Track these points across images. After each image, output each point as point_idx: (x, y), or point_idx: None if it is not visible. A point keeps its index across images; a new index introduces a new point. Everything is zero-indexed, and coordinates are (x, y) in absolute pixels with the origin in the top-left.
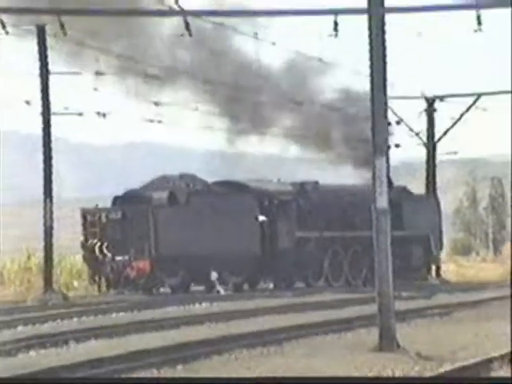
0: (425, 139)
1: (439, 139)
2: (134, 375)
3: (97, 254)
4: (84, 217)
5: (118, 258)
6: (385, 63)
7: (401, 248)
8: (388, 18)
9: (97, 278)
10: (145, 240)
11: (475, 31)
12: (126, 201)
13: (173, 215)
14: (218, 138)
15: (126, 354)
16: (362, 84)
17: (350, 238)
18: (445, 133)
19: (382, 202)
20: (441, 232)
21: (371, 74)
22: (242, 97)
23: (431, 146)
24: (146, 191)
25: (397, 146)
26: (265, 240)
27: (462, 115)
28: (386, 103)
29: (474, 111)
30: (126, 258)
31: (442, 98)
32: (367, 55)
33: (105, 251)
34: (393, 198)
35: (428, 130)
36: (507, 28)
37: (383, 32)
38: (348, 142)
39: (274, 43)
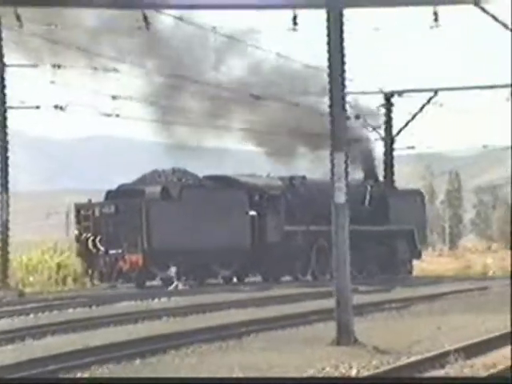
0: (383, 134)
1: (397, 134)
2: (92, 370)
3: (90, 247)
4: (77, 211)
5: (112, 252)
6: (343, 58)
7: (387, 242)
8: (346, 12)
9: (90, 271)
10: (137, 234)
11: (431, 27)
12: (118, 195)
13: (165, 209)
14: (177, 131)
15: (83, 349)
16: (321, 79)
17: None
18: (402, 128)
19: (341, 196)
20: (425, 227)
21: (329, 69)
22: (201, 90)
23: (389, 140)
24: (139, 185)
25: (355, 140)
26: (254, 234)
27: (419, 110)
28: (344, 98)
29: (431, 106)
30: (119, 251)
31: (399, 93)
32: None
33: (98, 245)
34: (379, 193)
35: (386, 124)
36: (464, 24)
37: (341, 27)
38: (303, 135)
39: (230, 37)
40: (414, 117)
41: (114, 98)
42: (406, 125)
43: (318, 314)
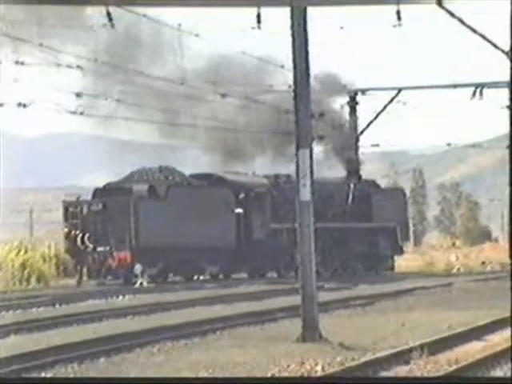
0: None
1: (361, 132)
2: (56, 370)
3: (78, 244)
4: (66, 208)
5: (100, 249)
6: (307, 56)
7: (370, 239)
8: (310, 10)
9: (78, 268)
10: (125, 231)
11: (394, 26)
12: (106, 193)
13: (152, 207)
14: (138, 128)
15: (47, 348)
16: (285, 77)
17: (321, 229)
18: (367, 126)
19: (306, 194)
20: (407, 224)
21: (294, 67)
22: (165, 88)
23: (354, 138)
24: (126, 183)
25: (320, 138)
26: (240, 231)
27: (383, 109)
28: (308, 96)
29: (395, 105)
30: (108, 248)
31: (363, 92)
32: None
33: (86, 242)
34: (362, 190)
35: (350, 122)
36: (427, 24)
37: (305, 25)
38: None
39: (197, 35)
40: (377, 115)
41: (78, 95)
42: (370, 123)
43: (283, 311)
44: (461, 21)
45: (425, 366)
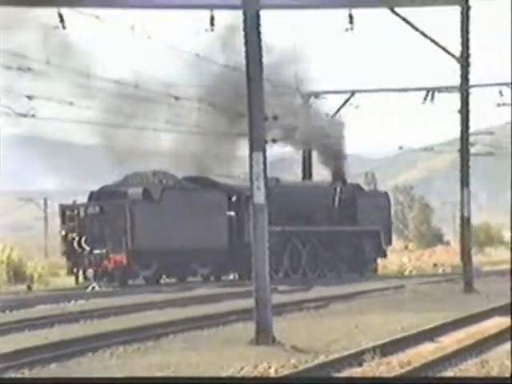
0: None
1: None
2: (6, 376)
3: (75, 247)
4: (62, 212)
5: (96, 251)
6: (261, 59)
7: (355, 242)
8: (263, 13)
9: (75, 270)
10: (121, 234)
11: (346, 30)
12: (102, 196)
13: (147, 210)
14: (94, 131)
15: None
16: (240, 79)
17: (310, 232)
18: (320, 129)
19: (260, 197)
20: (390, 228)
21: (247, 70)
22: (118, 91)
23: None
24: (121, 187)
25: (273, 140)
26: (232, 234)
27: (336, 112)
28: (262, 98)
29: (348, 108)
30: (104, 251)
31: (316, 95)
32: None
33: (83, 245)
34: (348, 194)
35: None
36: (379, 28)
37: (258, 28)
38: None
39: (149, 37)
40: (331, 118)
41: (29, 98)
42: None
43: (237, 313)
44: (413, 26)
45: (377, 368)
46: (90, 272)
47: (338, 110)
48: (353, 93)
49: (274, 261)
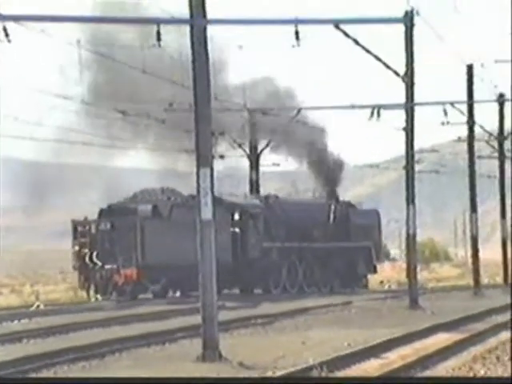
0: (248, 151)
1: (261, 151)
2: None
3: (87, 262)
4: (75, 227)
5: (107, 266)
6: (208, 75)
7: (348, 258)
8: (210, 29)
9: (86, 285)
10: (132, 249)
11: (293, 46)
12: (112, 213)
13: (157, 227)
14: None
15: None
16: (186, 95)
17: (306, 248)
18: (266, 145)
19: (207, 212)
20: (380, 244)
21: (194, 86)
22: (62, 105)
23: (254, 157)
24: (131, 204)
25: (221, 157)
26: (237, 250)
27: (283, 128)
28: (209, 114)
29: (295, 124)
30: (115, 266)
31: (263, 111)
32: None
33: (95, 259)
34: (341, 211)
35: (251, 141)
36: (325, 45)
37: (205, 43)
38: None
39: (96, 52)
40: (277, 134)
41: None
42: (270, 142)
43: (184, 330)
44: (357, 43)
45: None
46: (36, 291)
47: (284, 127)
48: (299, 110)
49: (275, 276)
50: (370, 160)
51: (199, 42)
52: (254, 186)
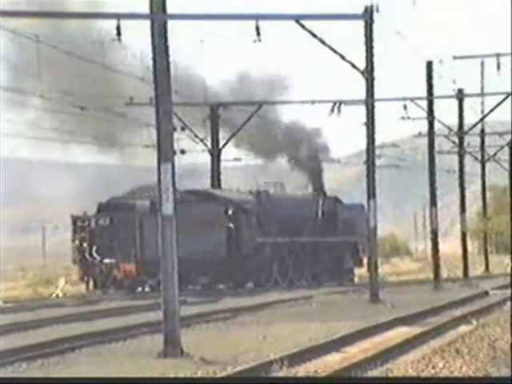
0: (209, 145)
1: (223, 146)
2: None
3: (87, 256)
4: (74, 222)
5: (106, 261)
6: (169, 70)
7: (336, 252)
8: (171, 24)
9: (86, 278)
10: (131, 245)
11: (254, 41)
12: (111, 208)
13: (155, 222)
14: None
15: None
16: (146, 90)
17: (296, 243)
18: (228, 140)
19: (168, 208)
20: (366, 238)
21: (155, 81)
22: (23, 101)
23: (216, 152)
24: (130, 199)
25: (182, 151)
26: (231, 245)
27: (244, 123)
28: (170, 109)
29: (257, 120)
30: (114, 260)
31: (225, 106)
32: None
33: (94, 254)
34: (329, 206)
35: (212, 136)
36: (287, 40)
37: (166, 38)
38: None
39: (55, 46)
40: (239, 129)
41: None
42: (232, 136)
43: (147, 326)
44: (315, 36)
45: None
46: None
47: (246, 121)
48: (261, 104)
49: (266, 270)
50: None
51: (160, 37)
52: (216, 181)
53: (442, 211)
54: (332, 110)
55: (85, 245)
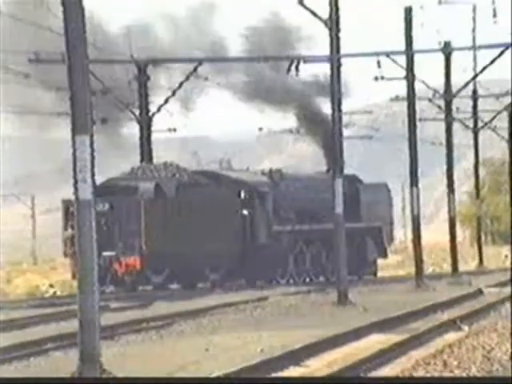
0: (138, 114)
1: (154, 114)
2: None
3: None
4: (66, 208)
5: (105, 254)
6: (84, 22)
7: (358, 241)
8: None
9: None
10: (134, 235)
11: None
12: (110, 191)
13: (161, 208)
14: None
15: None
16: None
17: (315, 231)
18: (160, 107)
19: (86, 190)
20: (392, 223)
21: (66, 34)
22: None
23: (145, 121)
24: (131, 181)
25: (103, 121)
26: (246, 235)
27: (180, 85)
28: (87, 67)
29: (195, 81)
30: (114, 253)
31: (154, 63)
32: None
33: None
34: (350, 188)
35: (140, 101)
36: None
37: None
38: None
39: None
40: (173, 93)
41: None
42: (165, 103)
43: (57, 339)
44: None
45: None
46: None
47: (182, 82)
48: (200, 62)
49: (284, 262)
50: (288, 124)
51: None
52: (146, 155)
53: (425, 192)
54: (289, 68)
55: None
